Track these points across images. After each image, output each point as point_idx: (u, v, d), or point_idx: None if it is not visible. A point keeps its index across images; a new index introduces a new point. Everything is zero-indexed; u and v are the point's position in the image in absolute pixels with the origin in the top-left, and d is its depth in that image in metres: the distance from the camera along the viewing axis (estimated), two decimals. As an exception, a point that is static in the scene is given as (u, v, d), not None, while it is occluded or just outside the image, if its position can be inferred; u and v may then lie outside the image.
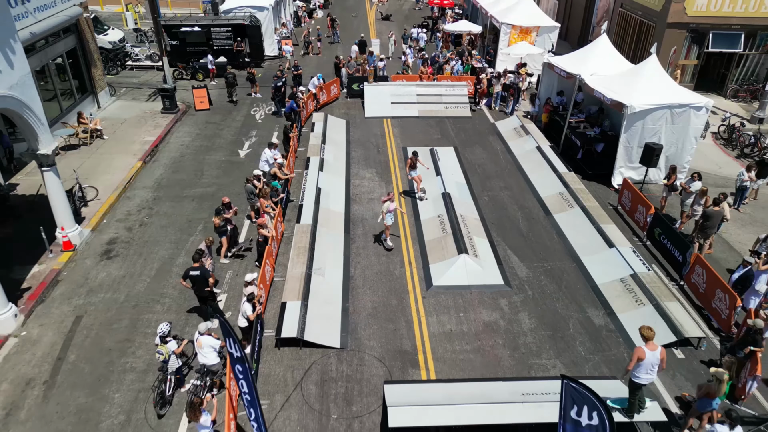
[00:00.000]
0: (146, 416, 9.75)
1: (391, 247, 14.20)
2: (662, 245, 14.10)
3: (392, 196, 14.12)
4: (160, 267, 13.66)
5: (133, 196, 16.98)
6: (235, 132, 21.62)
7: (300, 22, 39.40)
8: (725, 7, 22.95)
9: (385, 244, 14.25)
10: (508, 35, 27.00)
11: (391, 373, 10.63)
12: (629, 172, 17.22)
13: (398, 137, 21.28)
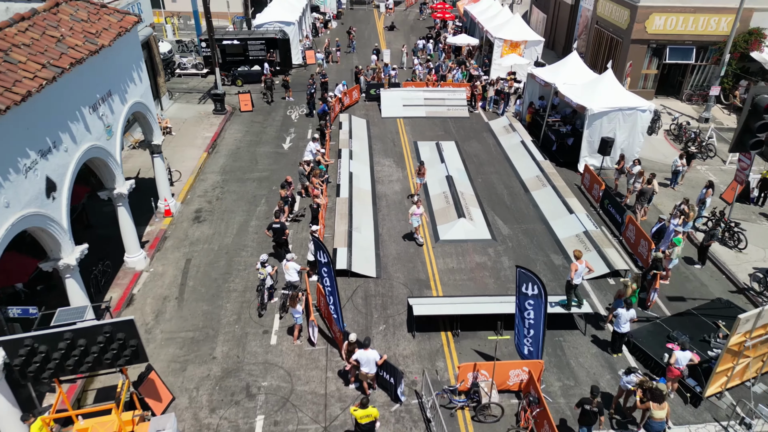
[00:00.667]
0: (250, 316, 14.73)
1: (422, 243, 17.55)
2: (609, 212, 19.09)
3: (420, 203, 17.28)
4: (239, 227, 18.63)
5: (205, 178, 21.97)
6: (276, 129, 26.61)
7: (317, 33, 44.38)
8: (679, 26, 27.90)
9: (417, 240, 17.55)
10: (500, 48, 31.99)
11: (412, 292, 15.57)
12: (591, 159, 22.17)
13: (409, 133, 26.26)
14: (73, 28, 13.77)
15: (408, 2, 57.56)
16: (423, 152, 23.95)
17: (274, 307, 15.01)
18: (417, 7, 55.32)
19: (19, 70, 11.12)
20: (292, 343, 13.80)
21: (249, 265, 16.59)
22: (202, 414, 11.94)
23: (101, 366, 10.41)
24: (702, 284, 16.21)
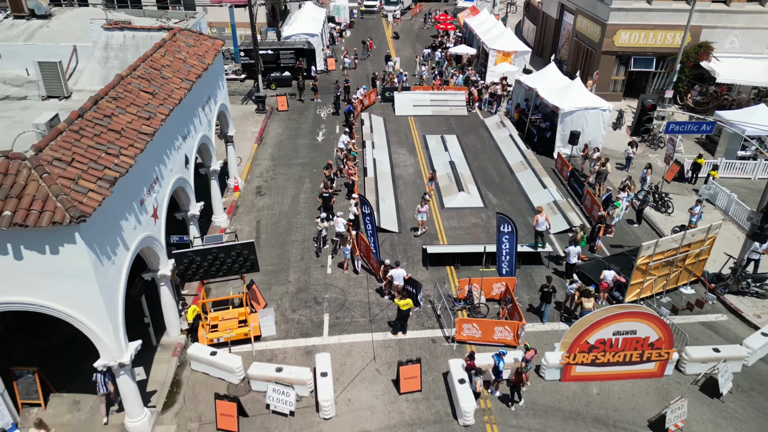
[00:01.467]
0: (311, 256, 20.68)
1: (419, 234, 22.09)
2: (573, 186, 25.05)
3: (424, 203, 21.78)
4: (292, 199, 24.58)
5: (259, 164, 27.94)
6: (310, 125, 32.59)
7: (334, 41, 50.31)
8: (641, 40, 33.83)
9: (415, 233, 21.95)
10: (494, 57, 37.95)
11: (424, 242, 21.47)
12: (563, 148, 28.07)
13: (419, 128, 32.21)
14: (188, 51, 19.74)
15: (413, 12, 63.49)
16: (430, 143, 29.89)
17: (327, 251, 20.95)
18: (421, 16, 61.24)
19: (170, 83, 17.10)
20: (343, 272, 19.76)
21: (304, 225, 22.54)
22: (287, 313, 17.90)
23: (231, 273, 16.43)
24: (637, 237, 22.14)
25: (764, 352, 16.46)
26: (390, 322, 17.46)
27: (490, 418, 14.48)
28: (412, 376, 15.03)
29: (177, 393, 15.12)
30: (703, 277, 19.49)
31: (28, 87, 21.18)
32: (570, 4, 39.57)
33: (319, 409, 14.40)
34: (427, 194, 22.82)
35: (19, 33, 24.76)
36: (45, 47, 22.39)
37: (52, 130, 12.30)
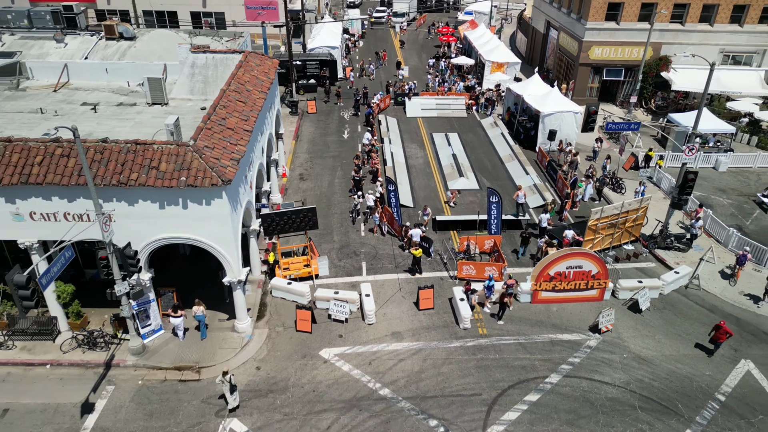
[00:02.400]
0: (348, 224, 27.47)
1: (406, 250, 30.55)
2: (550, 174, 31.87)
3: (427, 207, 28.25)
4: (328, 183, 31.38)
5: (299, 156, 34.75)
6: (336, 125, 39.41)
7: (349, 51, 57.09)
8: (612, 54, 40.62)
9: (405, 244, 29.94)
10: (490, 67, 44.76)
11: (435, 213, 28.24)
12: (543, 144, 34.85)
13: (427, 128, 39.01)
14: (258, 69, 26.57)
15: (418, 23, 70.30)
16: (436, 140, 36.66)
17: (360, 220, 27.73)
18: (426, 27, 68.04)
19: (252, 94, 23.93)
20: (373, 235, 26.58)
21: (340, 202, 29.32)
22: (335, 261, 24.71)
23: (298, 229, 23.24)
24: (596, 210, 28.89)
25: (676, 285, 23.26)
26: (408, 268, 24.25)
27: (481, 324, 21.30)
28: (427, 297, 21.85)
29: (264, 310, 21.94)
30: (640, 236, 26.29)
31: (132, 96, 27.89)
32: (554, 22, 46.43)
33: (364, 318, 21.22)
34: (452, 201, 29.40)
35: (113, 52, 31.55)
36: (143, 65, 29.08)
37: (197, 128, 19.13)
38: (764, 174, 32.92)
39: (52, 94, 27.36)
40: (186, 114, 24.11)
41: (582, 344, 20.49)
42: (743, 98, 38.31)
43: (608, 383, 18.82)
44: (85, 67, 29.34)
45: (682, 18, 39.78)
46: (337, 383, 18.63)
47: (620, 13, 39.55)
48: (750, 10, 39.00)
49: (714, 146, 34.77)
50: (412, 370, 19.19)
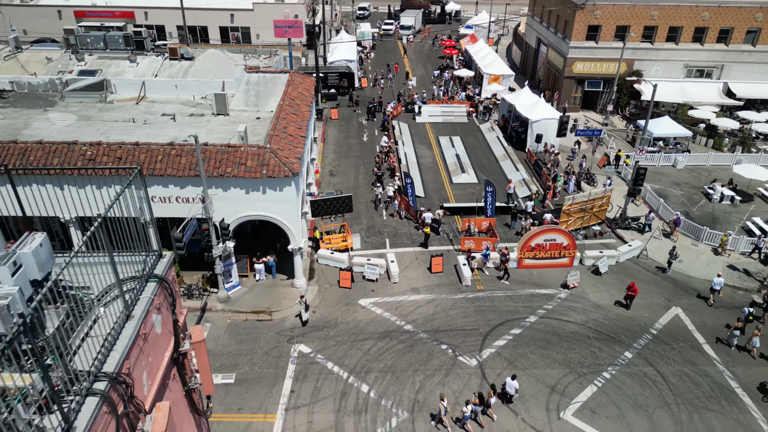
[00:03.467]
0: (372, 210, 34.42)
1: (419, 230, 38.25)
2: (536, 170, 38.84)
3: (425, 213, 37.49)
4: (354, 178, 38.32)
5: (327, 156, 41.71)
6: (356, 129, 46.39)
7: (362, 62, 64.02)
8: (592, 69, 47.58)
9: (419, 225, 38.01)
10: (488, 78, 51.72)
11: (442, 202, 35.15)
12: (532, 146, 41.77)
13: (434, 131, 45.96)
14: (301, 86, 33.53)
15: (423, 35, 77.27)
16: (442, 142, 43.57)
17: (381, 207, 34.65)
18: (430, 39, 75.01)
19: (301, 107, 30.91)
20: (393, 219, 33.52)
21: (364, 193, 36.23)
22: (364, 238, 31.64)
23: (336, 212, 30.19)
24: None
25: (629, 255, 30.18)
26: (421, 243, 31.15)
27: (478, 282, 28.25)
28: (438, 263, 28.79)
29: (314, 273, 28.89)
30: (605, 219, 33.22)
31: (199, 107, 34.76)
32: (544, 39, 53.43)
33: (390, 278, 28.17)
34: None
35: (177, 70, 38.47)
36: (205, 82, 36.01)
37: (269, 135, 26.09)
38: (714, 170, 39.83)
39: (135, 106, 34.21)
40: (245, 122, 30.96)
41: (554, 296, 27.45)
42: (703, 107, 45.24)
43: (572, 322, 25.77)
44: (158, 83, 36.18)
45: (651, 38, 46.73)
46: (373, 321, 25.59)
47: (599, 34, 46.52)
48: (709, 31, 45.96)
49: (674, 147, 41.71)
50: (427, 313, 26.15)
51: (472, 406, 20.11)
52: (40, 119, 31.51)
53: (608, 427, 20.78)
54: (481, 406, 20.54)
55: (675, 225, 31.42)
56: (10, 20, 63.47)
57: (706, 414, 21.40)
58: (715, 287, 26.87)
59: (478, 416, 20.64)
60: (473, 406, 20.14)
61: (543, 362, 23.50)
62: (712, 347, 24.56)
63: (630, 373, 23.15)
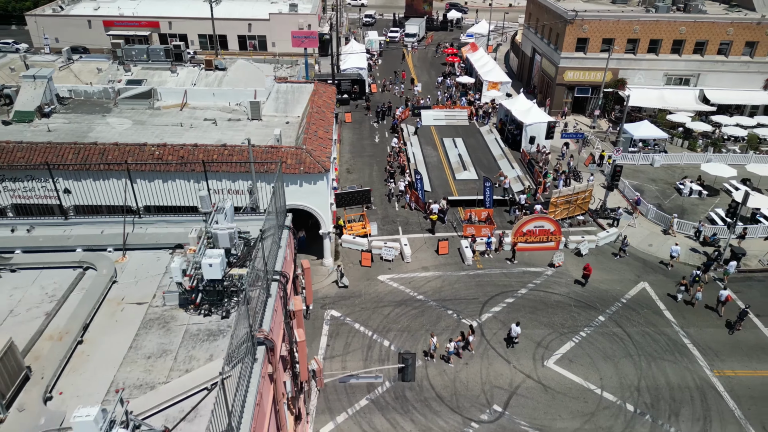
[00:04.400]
0: (386, 202, 39.82)
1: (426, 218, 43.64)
2: (529, 168, 44.26)
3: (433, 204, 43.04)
4: (368, 175, 43.74)
5: (343, 155, 47.10)
6: (368, 131, 51.79)
7: (371, 68, 69.35)
8: (581, 77, 52.97)
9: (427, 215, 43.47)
10: (487, 85, 57.12)
11: (446, 194, 40.52)
12: (526, 147, 47.14)
13: (438, 134, 51.33)
14: (324, 94, 38.87)
15: (426, 42, 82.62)
16: (446, 143, 48.91)
17: (394, 200, 40.01)
18: (433, 46, 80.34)
19: (326, 113, 36.28)
20: (404, 210, 38.90)
21: (378, 188, 41.55)
22: (380, 225, 37.02)
23: (357, 203, 35.56)
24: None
25: (607, 240, 35.54)
26: (429, 229, 36.47)
27: (478, 262, 33.63)
28: (444, 246, 34.17)
29: (339, 254, 34.24)
30: (588, 210, 38.61)
31: (235, 113, 40.06)
32: (538, 49, 58.84)
33: (403, 258, 33.54)
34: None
35: (213, 80, 43.81)
36: (239, 90, 41.30)
37: (303, 138, 31.47)
38: (687, 168, 45.17)
39: (179, 112, 39.52)
40: (276, 126, 36.24)
41: (542, 273, 32.84)
42: (679, 112, 50.60)
43: (556, 293, 31.16)
44: (198, 91, 41.46)
45: (634, 49, 52.12)
46: (391, 293, 30.97)
47: (587, 46, 51.91)
48: (686, 43, 51.34)
49: (652, 148, 47.10)
50: (435, 286, 31.53)
51: (455, 343, 25.78)
52: (100, 124, 36.69)
53: (582, 371, 26.17)
54: (463, 341, 26.18)
55: (636, 204, 37.19)
56: (44, 29, 68.88)
57: (661, 363, 26.78)
58: (672, 254, 32.68)
59: (459, 351, 26.28)
60: (456, 343, 25.79)
61: (531, 324, 28.86)
62: (671, 313, 29.95)
63: (602, 332, 28.54)
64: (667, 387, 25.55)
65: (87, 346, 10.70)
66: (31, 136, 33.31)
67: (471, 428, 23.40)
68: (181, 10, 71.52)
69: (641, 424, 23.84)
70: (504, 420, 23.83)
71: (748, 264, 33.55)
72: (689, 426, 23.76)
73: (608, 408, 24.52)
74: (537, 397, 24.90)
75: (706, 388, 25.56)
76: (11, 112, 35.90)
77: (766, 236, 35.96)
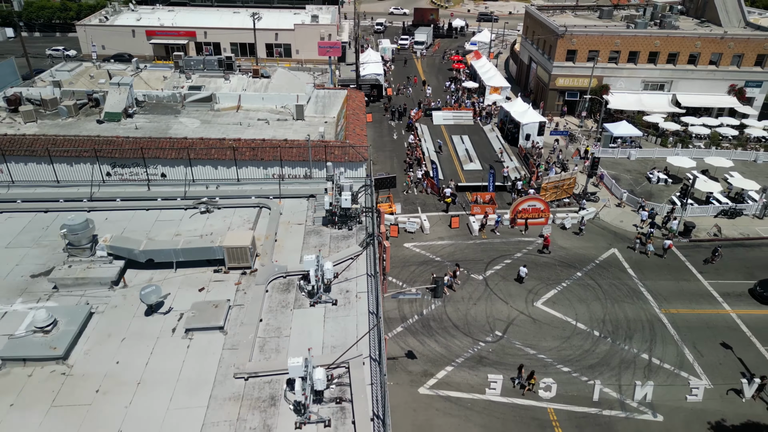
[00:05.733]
0: (408, 186, 48.80)
1: (441, 200, 52.71)
2: (525, 160, 53.24)
3: (446, 188, 52.10)
4: (390, 165, 52.70)
5: (369, 151, 56.01)
6: (386, 130, 60.77)
7: (385, 73, 78.24)
8: (571, 83, 61.92)
9: (441, 197, 52.53)
10: (489, 89, 66.09)
11: (454, 180, 49.47)
12: (522, 143, 56.08)
13: (447, 131, 60.28)
14: (355, 98, 47.82)
15: (434, 49, 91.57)
16: (454, 139, 57.81)
17: (413, 186, 48.93)
18: (440, 53, 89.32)
19: (359, 116, 45.22)
20: (422, 194, 47.85)
21: (400, 177, 50.41)
22: (404, 207, 45.97)
23: (386, 187, 44.54)
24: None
25: (588, 217, 44.49)
26: (443, 209, 45.40)
27: (483, 234, 42.59)
28: (456, 222, 43.15)
29: (371, 228, 43.19)
30: (572, 194, 47.56)
31: (281, 114, 48.91)
32: (534, 57, 67.83)
33: (423, 231, 42.54)
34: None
35: (260, 86, 52.68)
36: (285, 95, 50.12)
37: (345, 135, 40.43)
38: (658, 161, 54.09)
39: (236, 113, 48.44)
40: (317, 125, 45.12)
41: (533, 242, 41.82)
42: (654, 113, 59.56)
43: (544, 255, 40.12)
44: (249, 96, 50.35)
45: (616, 59, 61.09)
46: (414, 256, 39.91)
47: (576, 56, 60.88)
48: (660, 54, 60.32)
49: (629, 144, 56.05)
50: (449, 251, 40.47)
51: (448, 278, 35.29)
52: (175, 123, 45.47)
53: (562, 310, 35.11)
54: (454, 278, 35.62)
55: (600, 179, 46.41)
56: (92, 38, 77.78)
57: (622, 304, 35.74)
58: (643, 218, 42.22)
59: (453, 284, 35.58)
60: (449, 277, 35.45)
61: (524, 278, 37.84)
62: (633, 270, 38.94)
63: (578, 284, 37.50)
64: (625, 320, 34.51)
65: (280, 243, 19.64)
66: (123, 132, 41.97)
67: (479, 346, 32.32)
68: (215, 21, 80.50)
69: (604, 344, 32.78)
70: (503, 341, 32.77)
71: (698, 235, 42.53)
72: (639, 345, 32.72)
73: (580, 334, 33.46)
74: (528, 327, 33.85)
75: (655, 321, 34.53)
76: (102, 113, 44.60)
77: (715, 214, 44.94)
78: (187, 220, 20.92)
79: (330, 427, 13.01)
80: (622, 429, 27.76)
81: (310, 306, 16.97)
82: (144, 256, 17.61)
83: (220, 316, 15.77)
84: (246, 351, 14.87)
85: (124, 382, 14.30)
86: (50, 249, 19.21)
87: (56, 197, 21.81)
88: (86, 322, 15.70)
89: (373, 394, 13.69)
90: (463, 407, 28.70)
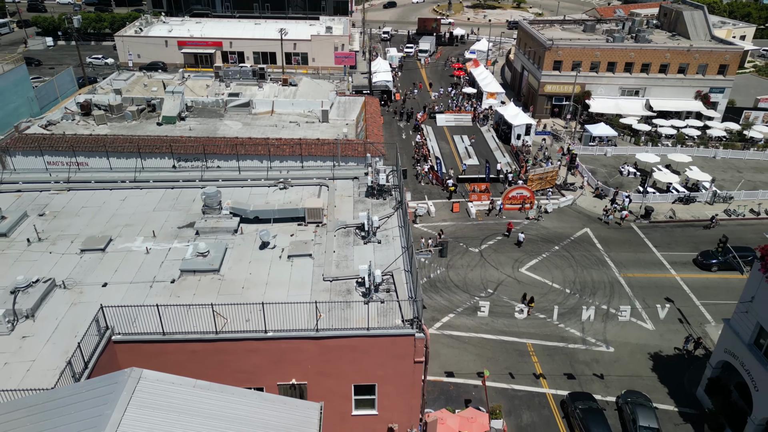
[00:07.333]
0: (414, 180, 58.64)
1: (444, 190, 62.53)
2: (516, 156, 63.09)
3: (448, 180, 62.27)
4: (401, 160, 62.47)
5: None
6: (396, 130, 70.67)
7: (393, 79, 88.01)
8: (557, 89, 71.79)
9: (444, 188, 62.39)
10: (486, 95, 75.96)
11: (456, 173, 59.26)
12: (514, 142, 65.89)
13: (449, 132, 70.14)
14: (372, 103, 57.65)
15: (436, 56, 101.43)
16: (455, 139, 67.58)
17: (421, 178, 58.73)
18: (443, 60, 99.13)
19: (376, 119, 55.11)
20: (428, 185, 57.67)
21: (409, 171, 60.17)
22: (413, 196, 55.80)
23: (399, 178, 54.50)
24: (537, 174, 59.98)
25: (565, 203, 54.30)
26: (447, 197, 55.16)
27: (479, 216, 52.46)
28: (456, 207, 53.02)
29: (386, 212, 53.10)
30: (555, 184, 57.33)
31: (309, 117, 58.56)
32: (526, 66, 77.73)
33: (429, 214, 52.46)
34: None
35: (289, 93, 62.49)
36: (311, 101, 59.79)
37: (365, 135, 50.24)
38: (630, 157, 63.84)
39: (270, 117, 58.25)
40: (340, 127, 54.86)
41: (520, 223, 51.68)
42: (629, 116, 69.40)
43: (531, 232, 49.97)
44: (281, 102, 60.15)
45: (596, 69, 70.97)
46: (423, 234, 49.70)
47: (561, 66, 70.76)
48: (635, 65, 70.19)
49: (606, 143, 65.87)
50: (452, 230, 50.31)
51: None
52: (221, 125, 55.18)
53: (541, 274, 44.95)
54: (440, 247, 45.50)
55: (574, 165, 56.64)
56: (129, 48, 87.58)
57: (590, 270, 45.59)
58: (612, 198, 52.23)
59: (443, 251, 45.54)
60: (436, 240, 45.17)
61: (511, 250, 47.61)
62: (601, 245, 48.78)
63: (556, 255, 47.36)
64: (591, 282, 44.37)
65: (338, 207, 29.54)
66: (179, 132, 51.61)
67: (475, 299, 42.11)
68: (239, 32, 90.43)
69: (573, 299, 42.59)
70: (494, 296, 42.60)
71: (657, 218, 52.35)
72: (601, 299, 42.53)
73: (555, 291, 43.29)
74: (513, 286, 43.69)
75: (615, 282, 44.36)
76: (160, 117, 54.29)
77: (673, 201, 54.73)
78: (272, 194, 30.73)
79: (384, 304, 22.78)
80: (582, 357, 37.61)
81: (364, 244, 26.70)
82: (253, 215, 27.34)
83: (309, 248, 25.54)
84: (329, 267, 24.62)
85: (258, 283, 24.08)
86: (184, 211, 29.03)
87: (176, 178, 31.68)
88: (225, 252, 25.43)
89: (407, 286, 23.50)
90: (462, 342, 38.56)
